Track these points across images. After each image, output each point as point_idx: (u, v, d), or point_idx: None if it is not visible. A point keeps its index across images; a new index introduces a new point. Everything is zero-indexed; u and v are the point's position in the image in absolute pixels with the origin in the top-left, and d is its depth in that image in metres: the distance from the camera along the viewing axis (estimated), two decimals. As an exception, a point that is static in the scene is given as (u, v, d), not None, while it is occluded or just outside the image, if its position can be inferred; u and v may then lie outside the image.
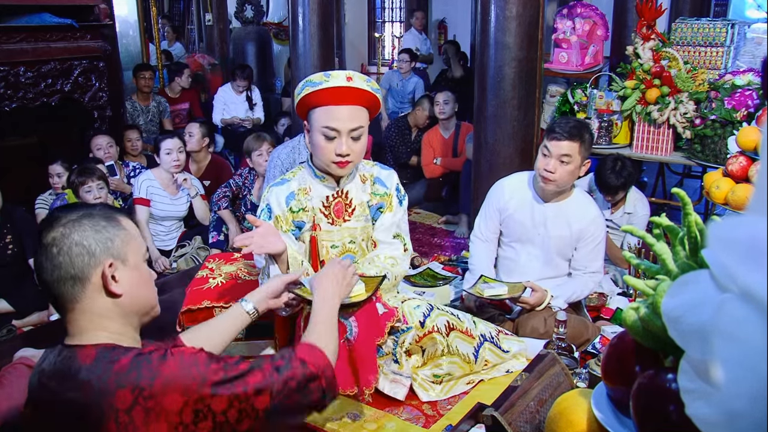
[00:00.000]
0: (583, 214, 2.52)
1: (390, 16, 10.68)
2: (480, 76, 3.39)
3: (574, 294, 2.56)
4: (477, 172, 3.54)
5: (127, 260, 1.23)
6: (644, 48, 3.74)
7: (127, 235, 1.24)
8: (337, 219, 2.14)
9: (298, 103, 2.02)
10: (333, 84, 1.95)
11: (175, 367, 1.14)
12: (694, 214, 0.91)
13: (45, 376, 1.19)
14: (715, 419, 0.62)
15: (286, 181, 2.11)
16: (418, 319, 2.08)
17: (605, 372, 1.07)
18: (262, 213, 2.08)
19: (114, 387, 1.11)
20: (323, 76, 1.97)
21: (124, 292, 1.21)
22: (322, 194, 2.12)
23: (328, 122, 1.97)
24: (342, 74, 1.98)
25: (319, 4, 4.17)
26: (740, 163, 2.89)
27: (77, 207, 1.25)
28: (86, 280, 1.19)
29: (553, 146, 2.39)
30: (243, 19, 7.95)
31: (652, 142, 3.79)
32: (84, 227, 1.19)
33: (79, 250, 1.18)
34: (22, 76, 3.83)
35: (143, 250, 1.29)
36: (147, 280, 1.28)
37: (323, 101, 1.97)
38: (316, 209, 2.11)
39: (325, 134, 1.98)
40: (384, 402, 2.08)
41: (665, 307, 0.73)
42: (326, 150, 1.99)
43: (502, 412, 1.31)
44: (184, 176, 3.89)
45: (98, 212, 1.23)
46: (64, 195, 3.66)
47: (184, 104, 6.19)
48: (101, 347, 1.17)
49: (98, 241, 1.19)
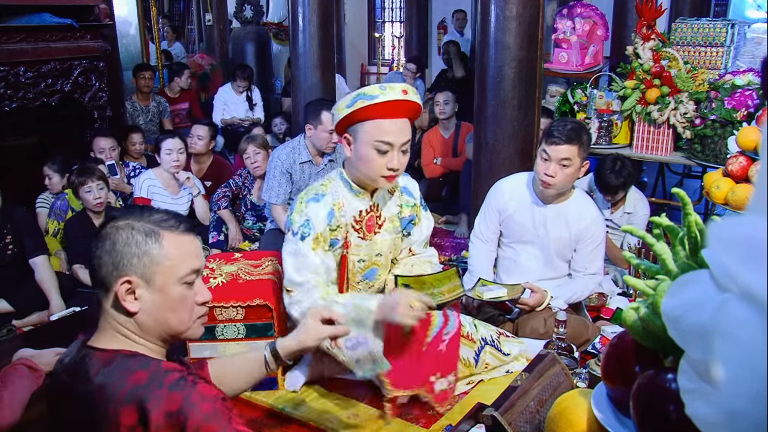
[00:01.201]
0: (582, 215, 2.52)
1: (390, 16, 10.68)
2: (480, 76, 3.39)
3: (574, 295, 2.56)
4: (477, 172, 3.54)
5: (153, 281, 1.18)
6: (644, 48, 3.74)
7: (161, 255, 1.18)
8: (368, 233, 2.10)
9: (347, 115, 1.92)
10: (389, 97, 1.88)
11: (179, 396, 1.11)
12: (694, 214, 0.91)
13: (63, 370, 1.21)
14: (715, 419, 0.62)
15: (321, 196, 2.00)
16: None
17: (605, 372, 1.07)
18: (300, 228, 1.96)
19: (124, 399, 1.10)
20: (379, 89, 1.90)
21: (141, 310, 1.18)
22: (356, 209, 2.06)
23: (382, 136, 1.90)
24: (398, 87, 1.92)
25: (319, 4, 4.17)
26: (740, 163, 2.89)
27: (135, 212, 1.23)
28: (108, 289, 1.19)
29: (552, 150, 2.38)
30: (243, 19, 7.95)
31: (652, 142, 3.79)
32: (119, 237, 1.17)
33: (107, 258, 1.17)
34: (22, 76, 3.83)
35: (183, 272, 1.21)
36: (176, 305, 1.21)
37: (376, 114, 1.89)
38: (348, 225, 2.05)
39: (377, 148, 1.91)
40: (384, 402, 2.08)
41: (665, 307, 0.73)
42: (377, 164, 1.93)
43: (502, 412, 1.31)
44: (186, 175, 3.89)
45: (146, 222, 1.19)
46: (65, 195, 3.66)
47: (184, 104, 6.20)
48: (122, 354, 1.17)
49: (124, 255, 1.16)
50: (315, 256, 1.97)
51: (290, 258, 1.98)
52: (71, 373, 1.18)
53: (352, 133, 1.96)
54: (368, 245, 2.11)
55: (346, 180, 2.05)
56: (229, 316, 2.13)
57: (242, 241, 4.00)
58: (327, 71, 4.33)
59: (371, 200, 2.09)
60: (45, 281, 3.08)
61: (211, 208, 4.03)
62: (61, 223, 3.59)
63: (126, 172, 4.27)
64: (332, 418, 2.03)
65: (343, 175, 2.06)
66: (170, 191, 3.88)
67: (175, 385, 1.12)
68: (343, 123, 1.96)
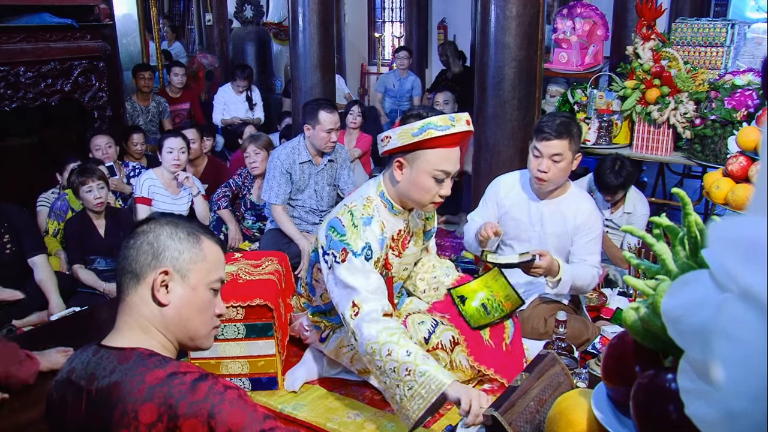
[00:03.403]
0: (579, 209, 2.51)
1: (390, 16, 10.67)
2: (480, 76, 3.39)
3: (578, 276, 2.43)
4: (477, 172, 3.54)
5: (188, 277, 1.23)
6: (644, 48, 3.74)
7: (199, 256, 1.24)
8: (402, 251, 2.13)
9: (413, 143, 1.90)
10: (458, 129, 1.90)
11: (202, 392, 1.12)
12: (694, 214, 0.91)
13: (76, 375, 1.19)
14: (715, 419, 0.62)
15: (370, 219, 1.99)
16: (423, 336, 2.08)
17: (605, 372, 1.07)
18: (364, 251, 1.93)
19: (143, 397, 1.10)
20: (449, 120, 1.90)
21: (171, 304, 1.21)
22: (395, 229, 2.07)
23: (445, 166, 1.92)
24: (463, 118, 1.93)
25: (319, 4, 4.17)
26: (740, 163, 2.89)
27: (175, 216, 1.29)
28: (141, 278, 1.21)
29: (542, 146, 2.38)
30: (243, 19, 7.95)
31: (652, 142, 3.79)
32: (163, 231, 1.23)
33: (147, 248, 1.21)
34: (22, 76, 3.83)
35: (213, 277, 1.26)
36: (202, 307, 1.25)
37: (442, 144, 1.90)
38: (388, 246, 2.05)
39: (436, 177, 1.93)
40: (384, 402, 2.08)
41: (665, 307, 0.73)
42: (432, 191, 1.95)
43: (502, 412, 1.31)
44: (186, 175, 3.89)
45: (186, 225, 1.26)
46: (65, 195, 3.66)
47: (184, 104, 6.19)
48: (139, 351, 1.17)
49: (167, 248, 1.21)
50: (378, 276, 1.95)
51: (354, 277, 1.90)
52: (86, 375, 1.17)
53: (411, 159, 1.94)
54: (400, 262, 2.13)
55: (388, 200, 2.05)
56: (229, 316, 2.13)
57: (242, 241, 4.00)
58: (327, 71, 4.33)
59: (407, 219, 2.10)
60: (44, 281, 3.07)
61: (211, 207, 4.03)
62: (61, 224, 3.59)
63: (126, 172, 4.27)
64: (332, 418, 2.03)
65: (385, 195, 2.05)
66: (170, 191, 3.88)
67: (197, 380, 1.13)
68: (403, 148, 1.93)
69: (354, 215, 1.97)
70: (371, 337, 1.81)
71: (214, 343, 2.12)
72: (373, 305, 1.86)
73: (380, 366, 1.79)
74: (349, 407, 2.09)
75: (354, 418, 2.03)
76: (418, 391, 1.71)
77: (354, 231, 1.94)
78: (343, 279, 1.91)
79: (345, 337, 2.11)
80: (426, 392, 1.70)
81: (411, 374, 1.73)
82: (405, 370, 1.74)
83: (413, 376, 1.72)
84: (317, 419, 2.03)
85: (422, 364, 1.74)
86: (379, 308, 1.86)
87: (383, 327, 1.82)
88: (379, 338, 1.79)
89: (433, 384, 1.69)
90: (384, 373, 1.79)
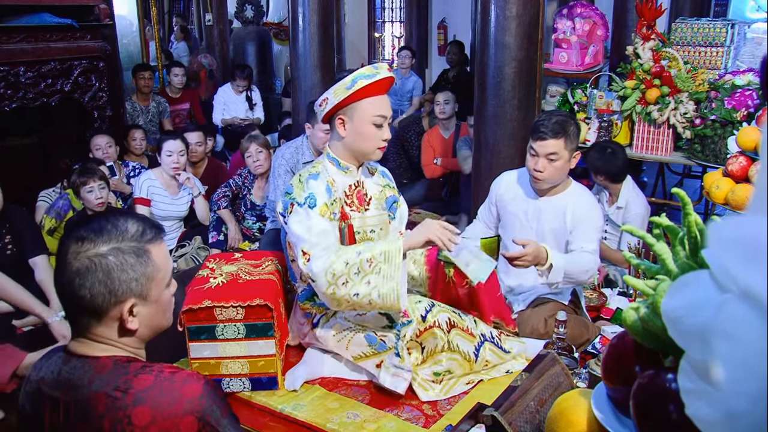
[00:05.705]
0: (578, 204, 2.49)
1: (390, 16, 10.67)
2: (480, 76, 3.39)
3: (572, 261, 2.35)
4: (477, 172, 3.54)
5: (149, 296, 1.20)
6: (644, 48, 3.74)
7: (153, 271, 1.19)
8: (360, 206, 2.23)
9: (349, 96, 2.06)
10: (383, 75, 2.07)
11: (196, 391, 1.17)
12: (694, 214, 0.91)
13: (47, 385, 1.17)
14: (715, 419, 0.62)
15: (317, 174, 2.14)
16: (420, 314, 2.09)
17: (605, 372, 1.07)
18: (306, 200, 2.07)
19: (134, 402, 1.11)
20: (373, 69, 2.09)
21: (141, 325, 1.21)
22: (345, 184, 2.20)
23: (380, 110, 2.10)
24: (384, 65, 2.12)
25: (319, 4, 4.17)
26: (740, 163, 2.89)
27: (105, 232, 1.16)
28: (103, 314, 1.17)
29: (538, 146, 2.39)
30: (243, 19, 7.95)
31: (652, 142, 3.79)
32: (110, 266, 1.14)
33: (100, 289, 1.14)
34: (22, 76, 3.83)
35: (167, 277, 1.25)
36: (165, 308, 1.26)
37: (374, 92, 2.08)
38: (341, 199, 2.18)
39: (375, 123, 2.10)
40: (384, 402, 2.08)
41: (665, 307, 0.73)
42: (375, 137, 2.12)
43: (502, 412, 1.31)
44: (186, 175, 3.89)
45: (127, 245, 1.16)
46: (66, 195, 3.66)
47: (184, 104, 6.19)
48: (116, 359, 1.18)
49: (122, 282, 1.15)
50: (325, 222, 2.07)
51: (300, 225, 2.05)
52: (61, 387, 1.15)
53: (348, 112, 2.11)
54: (361, 218, 2.22)
55: (334, 159, 2.20)
56: (229, 316, 2.13)
57: (242, 241, 4.00)
58: (327, 71, 4.33)
59: (357, 176, 2.24)
60: (45, 281, 3.07)
61: (211, 207, 4.03)
62: (59, 222, 3.59)
63: (126, 172, 4.27)
64: (332, 418, 2.03)
65: (331, 155, 2.21)
66: (170, 191, 3.88)
67: (186, 379, 1.17)
68: (338, 105, 2.10)
69: (302, 175, 2.15)
70: (324, 266, 1.97)
71: (214, 342, 2.13)
72: (321, 248, 2.01)
73: (345, 281, 1.95)
74: (349, 407, 2.09)
75: (354, 418, 2.02)
76: (385, 269, 1.95)
77: (299, 186, 2.11)
78: (293, 230, 2.06)
79: (333, 321, 2.21)
80: (393, 260, 1.95)
81: (372, 261, 1.95)
82: (366, 262, 1.96)
83: (374, 261, 1.95)
84: (317, 419, 2.03)
85: (375, 248, 1.98)
86: (323, 248, 2.01)
87: (331, 254, 1.99)
88: (331, 262, 1.97)
89: (393, 252, 1.96)
90: (354, 286, 1.95)
